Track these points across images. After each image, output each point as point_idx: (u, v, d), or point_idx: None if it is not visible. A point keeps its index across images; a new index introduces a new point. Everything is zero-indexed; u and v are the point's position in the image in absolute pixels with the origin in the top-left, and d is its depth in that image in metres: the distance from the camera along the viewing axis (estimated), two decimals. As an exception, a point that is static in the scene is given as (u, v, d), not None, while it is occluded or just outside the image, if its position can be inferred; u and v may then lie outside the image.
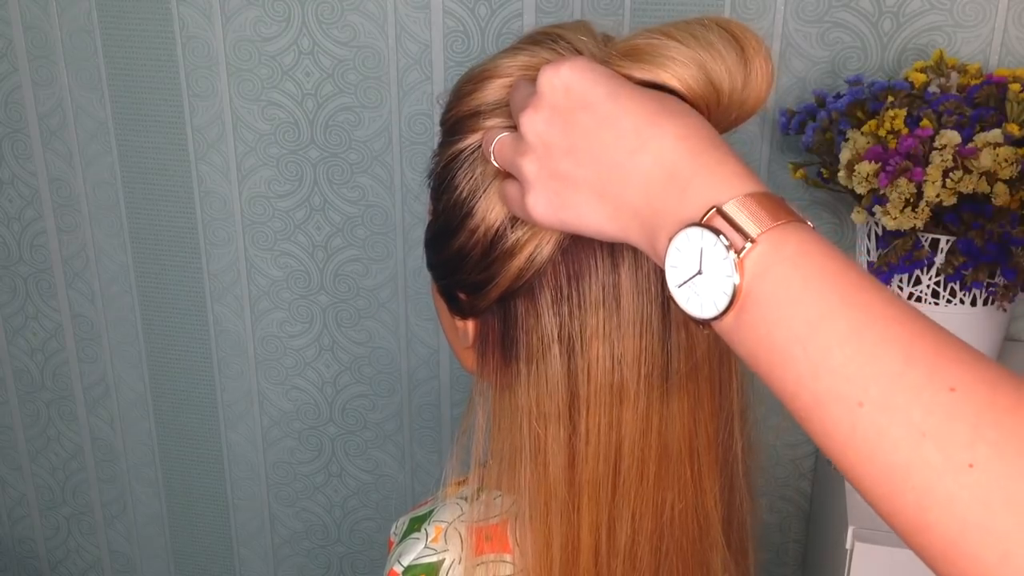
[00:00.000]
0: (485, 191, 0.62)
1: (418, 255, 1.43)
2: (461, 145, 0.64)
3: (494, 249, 0.63)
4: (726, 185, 0.49)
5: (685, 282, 0.49)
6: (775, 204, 0.48)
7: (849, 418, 0.43)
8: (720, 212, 0.48)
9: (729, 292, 0.47)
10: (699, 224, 0.48)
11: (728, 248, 0.47)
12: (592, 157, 0.53)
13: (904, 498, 0.42)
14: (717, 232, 0.47)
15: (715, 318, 0.48)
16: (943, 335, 0.43)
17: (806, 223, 0.48)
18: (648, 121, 0.52)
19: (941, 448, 0.40)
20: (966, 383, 0.41)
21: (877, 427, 0.42)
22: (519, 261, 0.62)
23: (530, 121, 0.55)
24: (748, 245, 0.47)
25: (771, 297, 0.46)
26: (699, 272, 0.48)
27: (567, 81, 0.54)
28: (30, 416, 1.66)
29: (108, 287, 1.54)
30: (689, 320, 0.50)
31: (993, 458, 0.39)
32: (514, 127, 0.59)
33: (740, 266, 0.47)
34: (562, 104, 0.54)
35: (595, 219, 0.54)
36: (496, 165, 0.60)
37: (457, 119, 0.65)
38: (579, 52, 0.61)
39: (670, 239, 0.49)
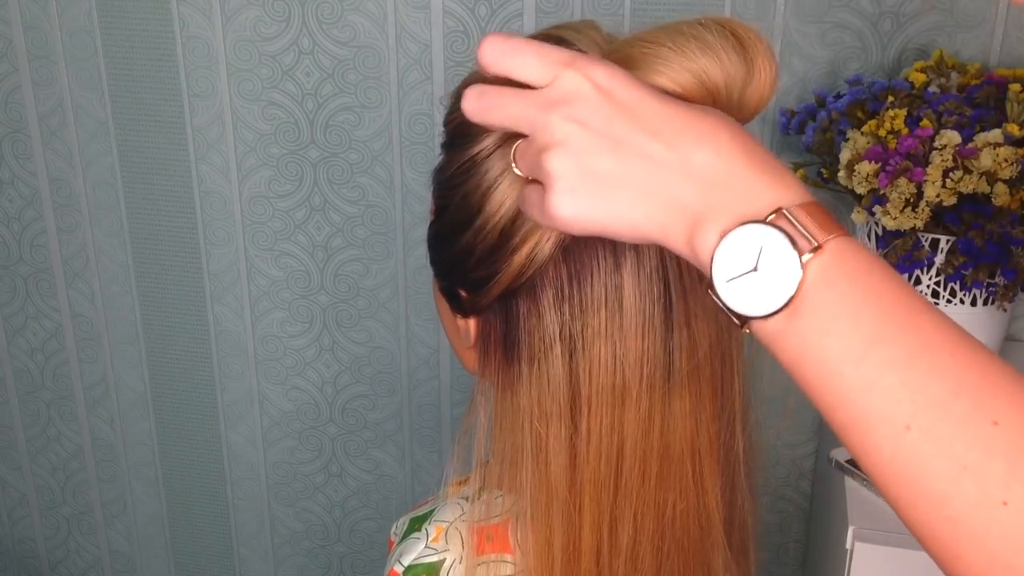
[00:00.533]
0: (492, 192, 0.62)
1: (418, 255, 1.43)
2: (468, 148, 0.64)
3: (497, 246, 0.63)
4: (788, 190, 0.49)
5: (735, 278, 0.49)
6: (829, 217, 0.48)
7: (893, 441, 0.44)
8: (785, 213, 0.47)
9: (789, 292, 0.47)
10: (764, 222, 0.48)
11: (794, 249, 0.47)
12: (642, 154, 0.51)
13: (940, 526, 0.43)
14: (784, 232, 0.47)
15: (763, 317, 0.48)
16: (991, 363, 0.44)
17: (855, 239, 0.48)
18: (699, 121, 0.51)
19: (978, 483, 0.41)
20: (1009, 418, 0.42)
21: (920, 454, 0.43)
22: (520, 257, 0.62)
23: (564, 117, 0.52)
24: (812, 252, 0.47)
25: (829, 309, 0.46)
26: (754, 269, 0.48)
27: (604, 82, 0.52)
28: (30, 416, 1.66)
29: (108, 287, 1.54)
30: (729, 317, 0.50)
31: None
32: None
33: (804, 269, 0.47)
34: (601, 103, 0.52)
35: (631, 217, 0.52)
36: (518, 172, 0.58)
37: (462, 121, 0.65)
38: (582, 52, 0.60)
39: (722, 235, 0.49)
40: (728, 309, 0.49)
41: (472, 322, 0.68)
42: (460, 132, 0.65)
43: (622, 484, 0.65)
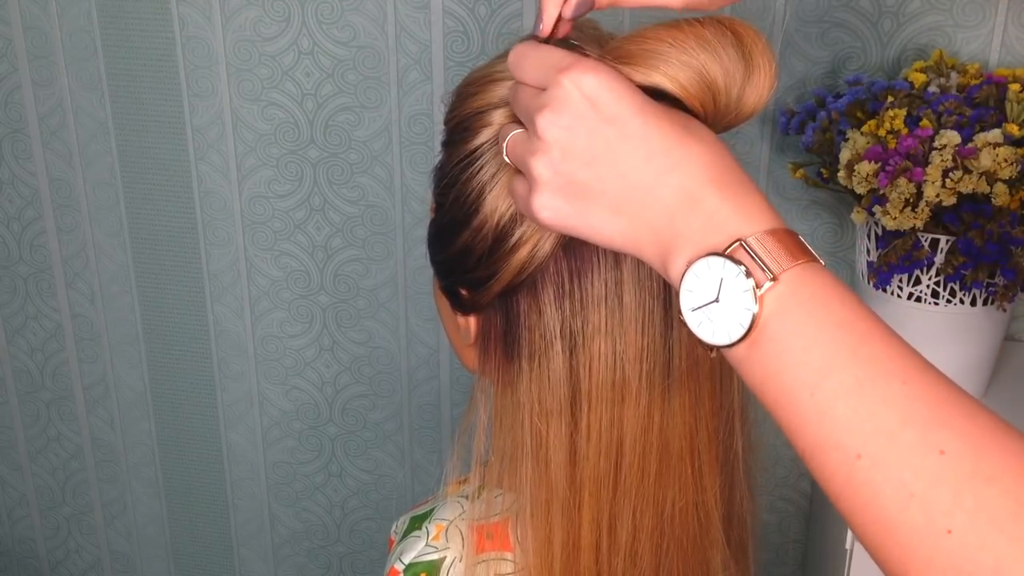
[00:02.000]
0: (491, 189, 0.62)
1: (418, 255, 1.43)
2: (467, 144, 0.64)
3: (497, 244, 0.63)
4: (751, 219, 0.50)
5: (700, 307, 0.50)
6: (795, 243, 0.49)
7: (846, 468, 0.45)
8: (744, 245, 0.49)
9: (745, 324, 0.48)
10: (722, 255, 0.49)
11: (749, 281, 0.48)
12: (617, 173, 0.52)
13: (890, 551, 0.44)
14: (740, 265, 0.48)
15: (726, 347, 0.50)
16: (942, 392, 0.45)
17: (820, 263, 0.50)
18: (678, 142, 0.52)
19: (924, 511, 0.43)
20: (954, 448, 0.43)
21: (871, 481, 0.44)
22: (521, 256, 0.62)
23: (549, 123, 0.54)
24: (769, 282, 0.48)
25: (784, 339, 0.48)
26: (715, 300, 0.49)
27: (592, 92, 0.53)
28: (30, 416, 1.66)
29: (108, 287, 1.54)
30: (697, 343, 0.52)
31: (968, 527, 0.42)
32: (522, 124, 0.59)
33: (760, 301, 0.48)
34: (586, 113, 0.53)
35: (606, 231, 0.54)
36: (507, 160, 0.59)
37: (461, 118, 0.65)
38: (585, 55, 0.60)
39: (689, 264, 0.50)
40: (695, 336, 0.51)
41: (472, 320, 0.68)
42: (459, 129, 0.65)
43: (621, 481, 0.65)
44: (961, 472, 0.42)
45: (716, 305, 0.49)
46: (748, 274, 0.48)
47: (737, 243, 0.49)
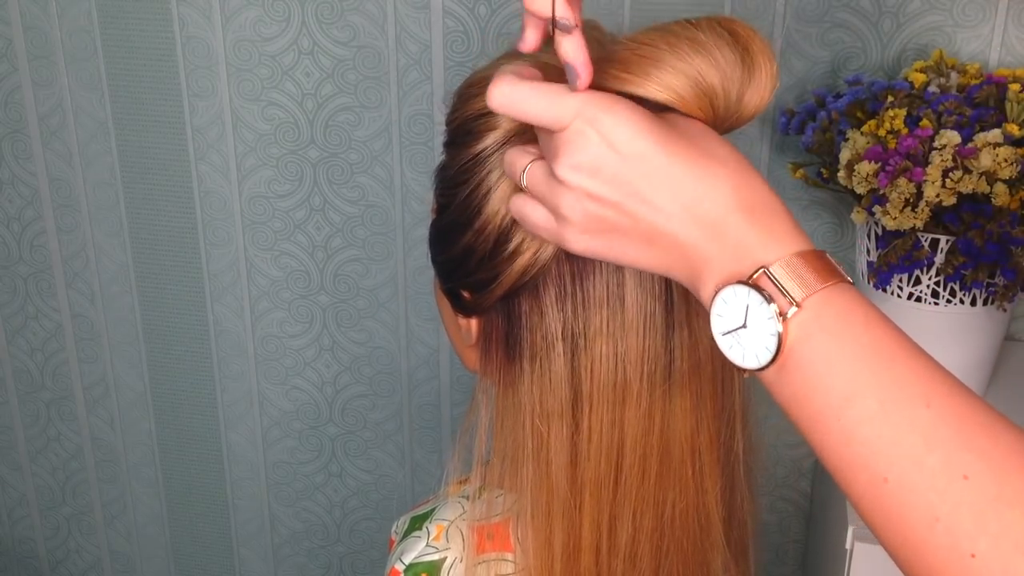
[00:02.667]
0: (495, 191, 0.62)
1: (418, 255, 1.43)
2: (470, 147, 0.64)
3: (499, 247, 0.63)
4: (776, 244, 0.51)
5: (729, 332, 0.52)
6: (821, 264, 0.50)
7: (874, 490, 0.47)
8: (768, 273, 0.50)
9: (772, 349, 0.50)
10: (747, 283, 0.50)
11: (773, 309, 0.49)
12: (644, 210, 0.52)
13: (919, 571, 0.46)
14: (764, 293, 0.49)
15: (756, 370, 0.51)
16: (967, 412, 0.46)
17: (848, 281, 0.50)
18: (703, 170, 0.52)
19: (949, 534, 0.44)
20: (978, 471, 0.44)
21: (899, 504, 0.46)
22: (524, 259, 0.62)
23: (569, 169, 0.53)
24: (793, 310, 0.49)
25: (810, 364, 0.49)
26: (743, 326, 0.51)
27: (608, 131, 0.52)
28: (30, 416, 1.66)
29: (108, 287, 1.54)
30: (731, 364, 0.53)
31: (991, 551, 0.43)
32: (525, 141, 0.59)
33: (784, 329, 0.49)
34: (606, 155, 0.52)
35: (640, 260, 0.55)
36: (523, 188, 0.58)
37: (464, 120, 0.65)
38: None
39: (717, 290, 0.51)
40: (728, 360, 0.53)
41: (474, 321, 0.68)
42: (462, 131, 0.65)
43: (622, 482, 0.65)
44: (984, 496, 0.43)
45: (744, 330, 0.51)
46: (772, 301, 0.49)
47: (761, 271, 0.50)
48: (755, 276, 0.50)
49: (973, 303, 1.06)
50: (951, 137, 0.99)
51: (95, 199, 1.49)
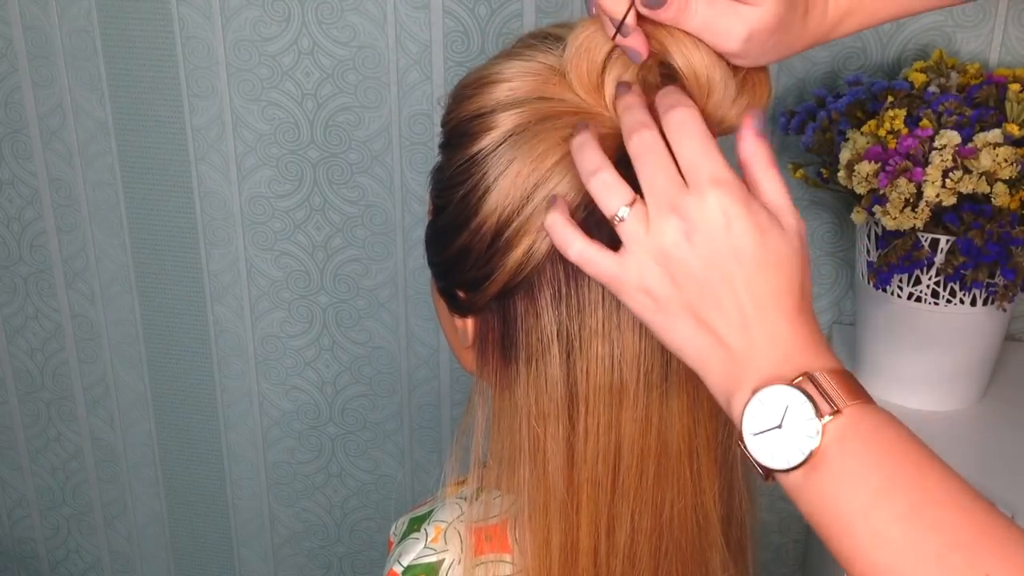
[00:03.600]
0: (491, 192, 0.62)
1: (418, 255, 1.43)
2: (466, 148, 0.64)
3: (492, 244, 0.63)
4: (819, 358, 0.54)
5: (762, 432, 0.53)
6: (854, 383, 0.53)
7: None
8: (811, 378, 0.52)
9: (806, 451, 0.52)
10: (791, 384, 0.52)
11: (812, 409, 0.51)
12: (721, 300, 0.54)
13: None
14: (808, 395, 0.52)
15: (785, 471, 0.53)
16: (989, 521, 0.49)
17: (875, 404, 0.53)
18: (776, 277, 0.54)
19: None
20: (999, 572, 0.47)
21: None
22: (517, 255, 0.62)
23: (676, 232, 0.54)
24: (832, 413, 0.51)
25: (842, 466, 0.51)
26: (778, 426, 0.52)
27: (733, 214, 0.53)
28: (30, 416, 1.66)
29: (108, 287, 1.54)
30: (754, 469, 0.54)
31: None
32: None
33: (822, 430, 0.51)
34: (718, 235, 0.53)
35: (685, 344, 0.56)
36: (617, 218, 0.56)
37: (459, 121, 0.65)
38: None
39: (754, 391, 0.53)
40: (754, 460, 0.54)
41: (470, 322, 0.68)
42: (458, 132, 0.65)
43: (619, 483, 0.65)
44: None
45: (778, 431, 0.52)
46: (814, 404, 0.51)
47: (804, 375, 0.52)
48: (799, 380, 0.52)
49: (973, 303, 1.06)
50: (951, 137, 0.99)
51: (95, 199, 1.49)
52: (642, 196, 0.56)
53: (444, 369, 1.50)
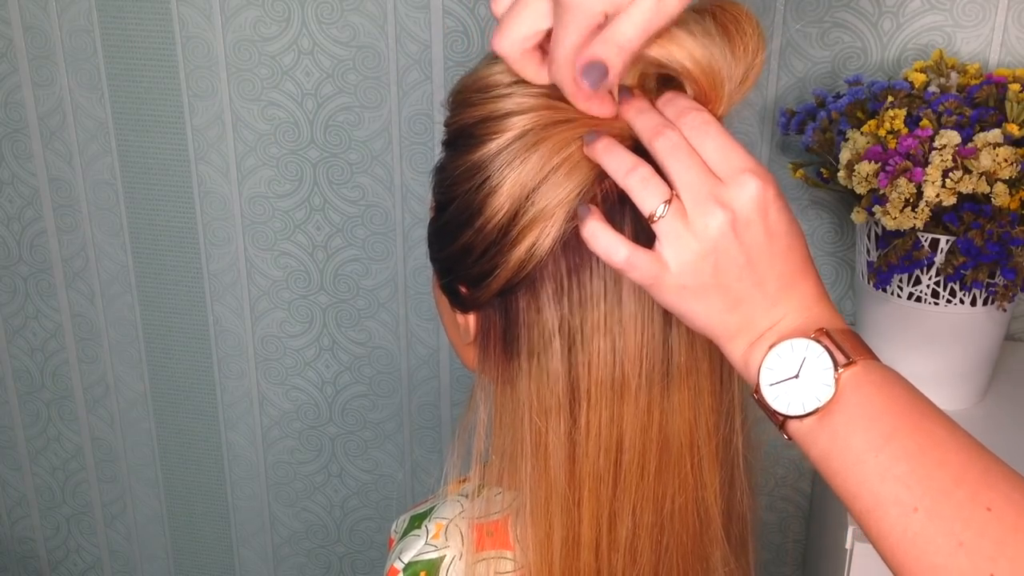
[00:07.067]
0: (494, 192, 0.62)
1: (418, 255, 1.43)
2: (472, 152, 0.64)
3: (496, 242, 0.63)
4: (834, 319, 0.58)
5: (778, 383, 0.57)
6: (863, 344, 0.57)
7: (903, 520, 0.52)
8: (827, 333, 0.56)
9: (823, 399, 0.55)
10: (811, 337, 0.56)
11: (830, 360, 0.55)
12: (752, 282, 0.57)
13: None
14: (825, 347, 0.55)
15: (798, 417, 0.56)
16: (990, 464, 0.52)
17: (881, 361, 0.57)
18: (802, 259, 0.58)
19: (971, 558, 0.50)
20: (1000, 506, 0.50)
21: (925, 531, 0.51)
22: (520, 252, 0.62)
23: (720, 221, 0.55)
24: (847, 364, 0.55)
25: (856, 409, 0.54)
26: (795, 376, 0.56)
27: (772, 200, 0.56)
28: (30, 416, 1.66)
29: (108, 287, 1.54)
30: (769, 417, 0.58)
31: (1009, 571, 0.49)
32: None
33: (838, 379, 0.55)
34: (756, 220, 0.56)
35: (711, 320, 0.58)
36: (655, 217, 0.57)
37: (465, 125, 0.65)
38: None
39: (771, 346, 0.57)
40: (770, 408, 0.57)
41: (472, 318, 0.68)
42: (463, 134, 0.65)
43: (621, 478, 0.65)
44: (1005, 525, 0.49)
45: (795, 381, 0.56)
46: (831, 355, 0.55)
47: (820, 330, 0.56)
48: (816, 333, 0.56)
49: (973, 303, 1.06)
50: (951, 137, 0.99)
51: (95, 199, 1.49)
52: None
53: (444, 369, 1.50)
